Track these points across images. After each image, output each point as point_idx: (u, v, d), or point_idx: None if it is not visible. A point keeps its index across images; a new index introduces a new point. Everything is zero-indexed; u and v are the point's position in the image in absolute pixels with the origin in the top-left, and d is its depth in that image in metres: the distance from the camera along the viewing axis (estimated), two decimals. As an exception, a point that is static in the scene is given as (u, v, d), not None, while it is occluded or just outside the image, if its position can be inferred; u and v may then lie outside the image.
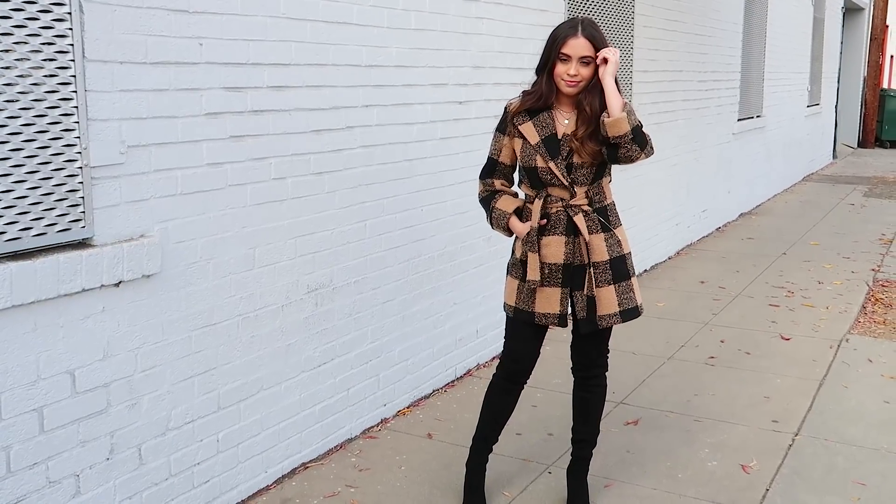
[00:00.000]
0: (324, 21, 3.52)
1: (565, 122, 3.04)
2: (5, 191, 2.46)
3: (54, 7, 2.52)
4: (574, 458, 3.34)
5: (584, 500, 3.31)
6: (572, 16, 5.49)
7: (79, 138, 2.61)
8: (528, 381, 3.27)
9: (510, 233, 3.14)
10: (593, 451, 3.33)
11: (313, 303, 3.62)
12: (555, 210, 3.04)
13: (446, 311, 4.53)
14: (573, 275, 3.06)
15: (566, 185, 3.01)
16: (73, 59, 2.58)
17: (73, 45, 2.57)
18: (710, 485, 3.53)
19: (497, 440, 3.32)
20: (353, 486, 3.52)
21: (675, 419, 4.18)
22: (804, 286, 6.72)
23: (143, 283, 2.86)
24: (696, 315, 5.94)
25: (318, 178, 3.58)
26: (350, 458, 3.77)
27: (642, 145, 2.94)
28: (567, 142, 3.01)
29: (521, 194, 3.21)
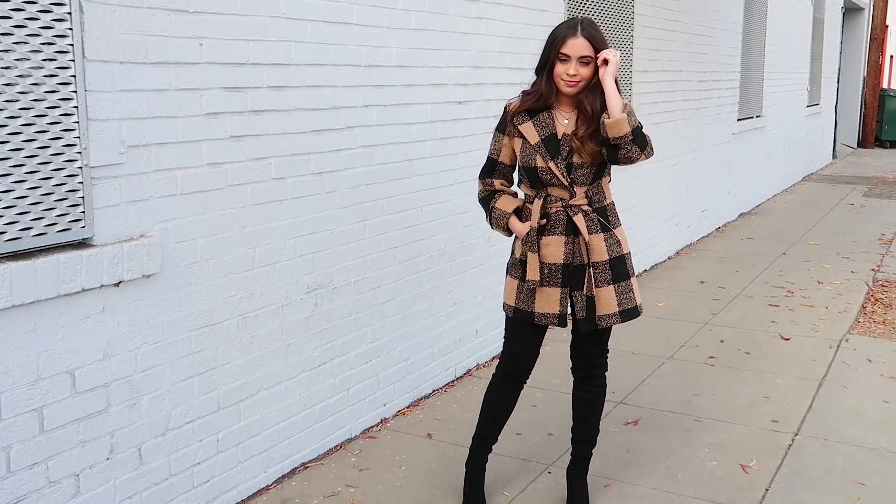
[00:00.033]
0: (324, 21, 3.52)
1: (565, 122, 3.04)
2: (5, 191, 2.46)
3: (54, 7, 2.52)
4: (574, 458, 3.34)
5: (584, 500, 3.31)
6: (572, 16, 5.49)
7: (79, 138, 2.62)
8: (528, 381, 3.27)
9: (510, 233, 3.15)
10: (593, 450, 3.33)
11: (313, 303, 3.62)
12: (554, 210, 3.05)
13: (446, 311, 4.53)
14: (573, 275, 3.06)
15: (566, 184, 3.01)
16: (73, 59, 2.58)
17: (73, 45, 2.57)
18: (709, 484, 3.54)
19: (497, 440, 3.32)
20: (352, 485, 3.53)
21: (675, 419, 4.19)
22: (804, 286, 6.72)
23: (143, 283, 2.86)
24: (695, 315, 5.94)
25: (318, 178, 3.58)
26: (350, 458, 3.77)
27: (642, 146, 2.94)
28: (567, 141, 3.01)
29: (520, 194, 3.21)
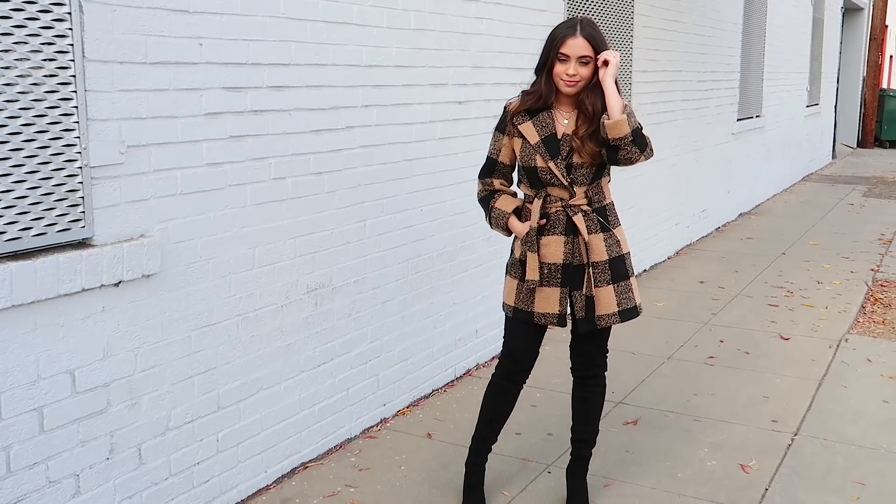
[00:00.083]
0: (323, 21, 3.52)
1: (565, 122, 3.04)
2: (5, 191, 2.46)
3: (54, 7, 2.52)
4: (573, 458, 3.34)
5: (584, 500, 3.31)
6: (572, 16, 5.49)
7: (79, 138, 2.62)
8: (528, 381, 3.27)
9: (509, 232, 3.15)
10: (593, 450, 3.33)
11: (313, 303, 3.62)
12: (554, 210, 3.05)
13: (446, 311, 4.53)
14: (572, 275, 3.06)
15: (566, 184, 3.02)
16: (73, 59, 2.58)
17: (72, 45, 2.57)
18: (709, 484, 3.54)
19: (496, 440, 3.32)
20: (352, 485, 3.53)
21: (675, 419, 4.19)
22: (803, 286, 6.72)
23: (142, 282, 2.86)
24: (695, 315, 5.94)
25: (318, 178, 3.58)
26: (350, 458, 3.77)
27: (642, 147, 2.94)
28: (567, 141, 3.01)
29: (520, 194, 3.21)
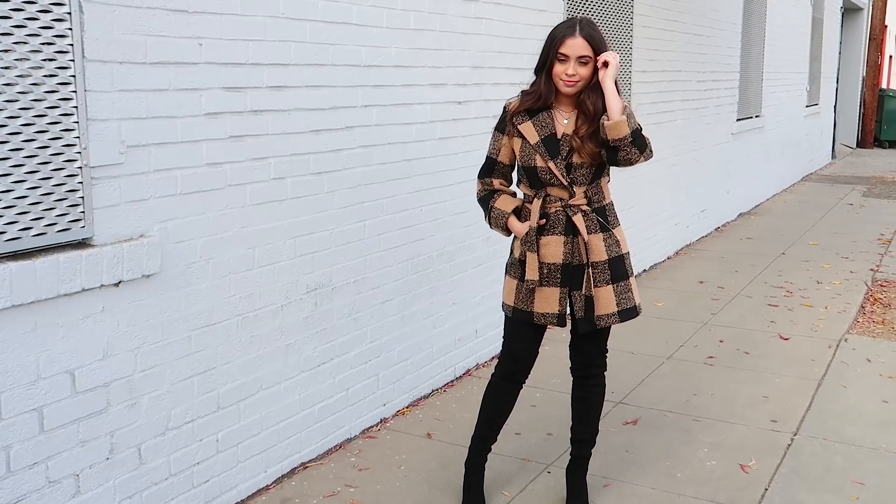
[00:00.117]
0: (323, 21, 3.52)
1: (564, 122, 3.05)
2: (5, 191, 2.46)
3: (54, 7, 2.52)
4: (573, 458, 3.34)
5: (584, 500, 3.31)
6: (571, 16, 5.50)
7: (78, 138, 2.62)
8: (527, 381, 3.27)
9: (508, 232, 3.15)
10: (592, 450, 3.33)
11: (312, 303, 3.63)
12: (554, 210, 3.05)
13: (445, 311, 4.53)
14: (572, 274, 3.07)
15: (565, 184, 3.02)
16: (73, 59, 2.58)
17: (72, 45, 2.57)
18: (708, 484, 3.54)
19: (496, 440, 3.32)
20: (352, 485, 3.53)
21: (674, 419, 4.19)
22: (803, 286, 6.72)
23: (142, 282, 2.86)
24: (695, 315, 5.94)
25: (318, 178, 3.58)
26: (349, 458, 3.77)
27: (641, 148, 2.95)
28: (567, 141, 3.02)
29: (519, 194, 3.21)
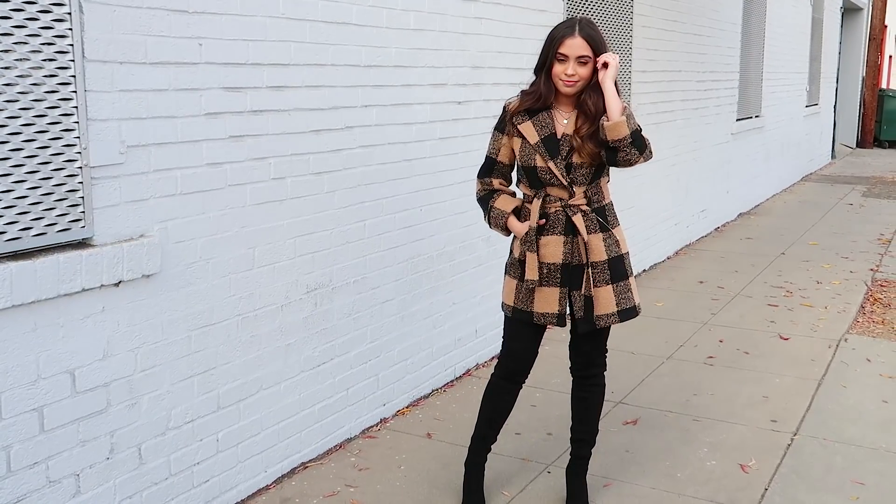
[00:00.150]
0: (323, 21, 3.52)
1: (564, 122, 3.05)
2: (5, 191, 2.46)
3: (54, 7, 2.52)
4: (573, 458, 3.34)
5: (584, 500, 3.31)
6: (571, 16, 5.50)
7: (79, 138, 2.62)
8: (527, 381, 3.27)
9: (508, 232, 3.15)
10: (592, 450, 3.34)
11: (312, 303, 3.63)
12: (553, 210, 3.05)
13: (445, 311, 4.53)
14: (571, 274, 3.07)
15: (565, 184, 3.02)
16: (73, 60, 2.58)
17: (72, 45, 2.57)
18: (708, 484, 3.54)
19: (496, 440, 3.32)
20: (352, 485, 3.53)
21: (674, 419, 4.19)
22: (803, 286, 6.72)
23: (142, 282, 2.86)
24: (694, 315, 5.94)
25: (318, 178, 3.58)
26: (349, 458, 3.77)
27: (641, 149, 2.95)
28: (567, 141, 3.02)
29: (519, 194, 3.22)
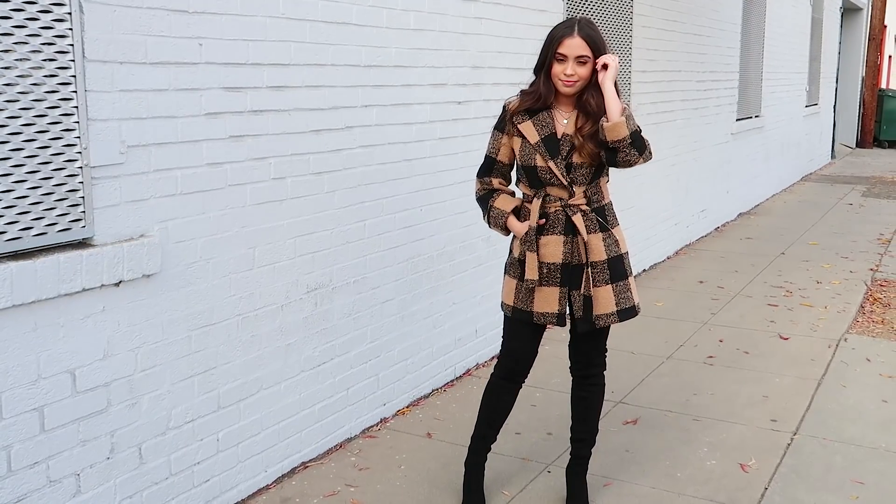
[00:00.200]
0: (323, 21, 3.53)
1: (564, 122, 3.05)
2: (6, 191, 2.46)
3: (54, 7, 2.52)
4: (573, 457, 3.34)
5: (584, 499, 3.32)
6: (571, 16, 5.50)
7: (79, 138, 2.62)
8: (527, 381, 3.28)
9: (507, 232, 3.15)
10: (592, 450, 3.34)
11: (313, 302, 3.63)
12: (553, 209, 3.05)
13: (445, 311, 4.54)
14: (571, 274, 3.07)
15: (565, 184, 3.02)
16: (73, 60, 2.58)
17: (73, 45, 2.58)
18: (708, 484, 3.54)
19: (496, 439, 3.32)
20: (352, 485, 3.53)
21: (674, 418, 4.19)
22: (803, 286, 6.73)
23: (143, 282, 2.86)
24: (694, 315, 5.95)
25: (318, 178, 3.58)
26: (350, 458, 3.78)
27: (641, 150, 2.95)
28: (567, 141, 3.02)
29: (518, 193, 3.22)
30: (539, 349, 3.21)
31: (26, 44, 2.46)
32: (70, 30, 2.57)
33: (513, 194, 3.19)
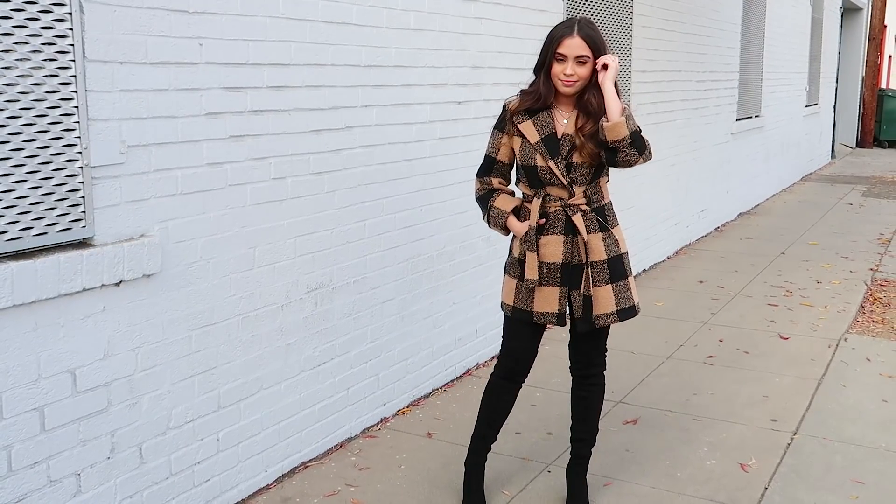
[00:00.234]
0: (323, 21, 3.53)
1: (564, 122, 3.05)
2: (6, 190, 2.46)
3: (55, 7, 2.53)
4: (573, 457, 3.34)
5: (584, 499, 3.32)
6: (571, 16, 5.50)
7: (79, 138, 2.62)
8: (527, 381, 3.28)
9: (507, 231, 3.15)
10: (592, 449, 3.34)
11: (313, 302, 3.63)
12: (553, 209, 3.05)
13: (445, 311, 4.54)
14: (571, 274, 3.07)
15: (565, 184, 3.02)
16: (74, 60, 2.59)
17: (73, 45, 2.58)
18: (708, 483, 3.54)
19: (496, 439, 3.33)
20: (352, 485, 3.53)
21: (674, 418, 4.19)
22: (803, 286, 6.73)
23: (143, 282, 2.87)
24: (694, 314, 5.95)
25: (318, 178, 3.59)
26: (350, 458, 3.78)
27: (640, 150, 2.95)
28: (567, 141, 3.02)
29: (518, 193, 3.22)
30: (539, 349, 3.21)
31: (27, 44, 2.46)
32: (70, 30, 2.57)
33: (512, 194, 3.20)
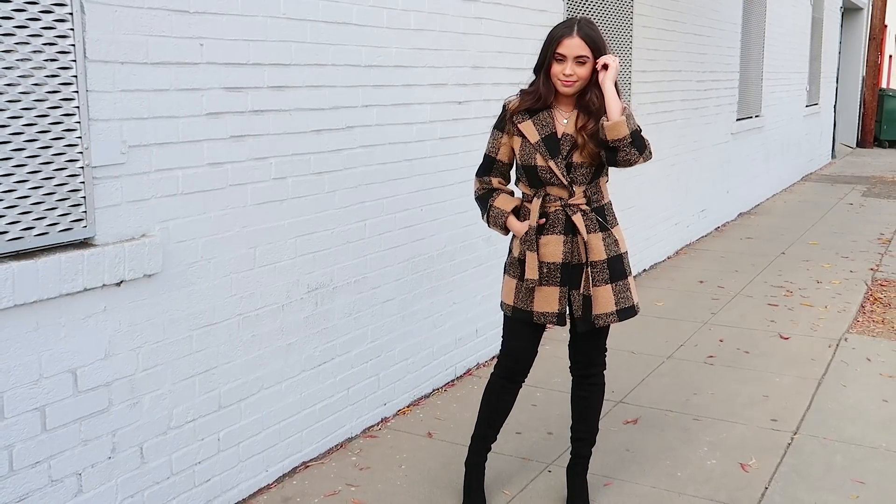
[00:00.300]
0: (324, 21, 3.53)
1: (564, 122, 3.06)
2: (7, 191, 2.47)
3: (56, 7, 2.53)
4: (573, 457, 3.35)
5: (584, 499, 3.32)
6: (571, 16, 5.50)
7: (80, 138, 2.63)
8: (528, 380, 3.28)
9: (507, 231, 3.16)
10: (593, 449, 3.34)
11: (313, 302, 3.63)
12: (553, 209, 3.06)
13: (446, 311, 4.54)
14: (571, 274, 3.07)
15: (565, 184, 3.02)
16: (75, 60, 2.59)
17: (74, 45, 2.58)
18: (709, 483, 3.55)
19: (496, 439, 3.33)
20: (353, 484, 3.53)
21: (675, 418, 4.20)
22: (803, 285, 6.73)
23: (144, 282, 2.87)
24: (695, 314, 5.95)
25: (318, 178, 3.59)
26: (350, 457, 3.78)
27: (641, 149, 2.96)
28: (567, 140, 3.03)
29: (518, 193, 3.22)
30: (539, 349, 3.22)
31: (28, 44, 2.46)
32: (71, 30, 2.57)
33: (512, 194, 3.20)
